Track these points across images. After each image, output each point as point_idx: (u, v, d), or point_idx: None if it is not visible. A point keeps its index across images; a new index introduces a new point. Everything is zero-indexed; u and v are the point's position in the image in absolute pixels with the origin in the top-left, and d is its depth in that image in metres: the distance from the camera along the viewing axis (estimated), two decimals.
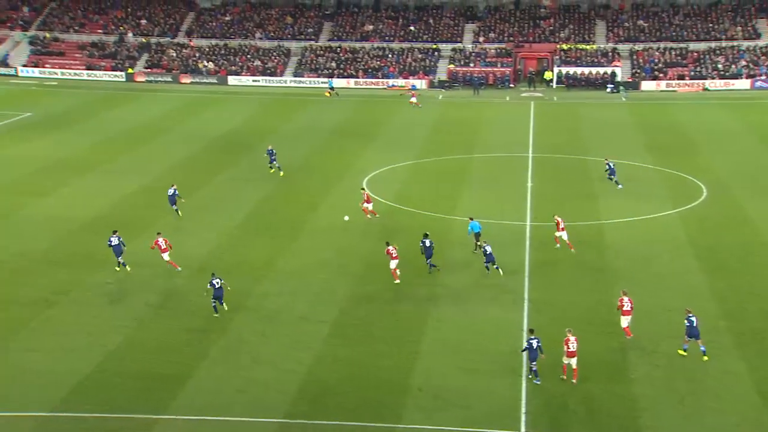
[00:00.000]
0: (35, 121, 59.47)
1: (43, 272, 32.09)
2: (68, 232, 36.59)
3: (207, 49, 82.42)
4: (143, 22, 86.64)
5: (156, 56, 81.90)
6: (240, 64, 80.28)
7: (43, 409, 23.03)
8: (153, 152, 51.22)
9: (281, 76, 78.80)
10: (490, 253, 31.96)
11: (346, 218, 37.28)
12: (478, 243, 33.82)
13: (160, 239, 32.27)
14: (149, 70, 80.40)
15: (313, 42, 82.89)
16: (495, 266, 32.00)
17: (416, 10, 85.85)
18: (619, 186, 42.84)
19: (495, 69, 77.26)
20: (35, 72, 79.50)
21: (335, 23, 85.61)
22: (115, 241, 32.43)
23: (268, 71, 79.14)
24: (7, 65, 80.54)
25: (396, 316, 28.95)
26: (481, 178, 45.63)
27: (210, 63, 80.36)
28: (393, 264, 31.84)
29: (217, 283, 28.76)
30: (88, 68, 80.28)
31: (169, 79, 78.89)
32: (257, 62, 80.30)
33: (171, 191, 39.03)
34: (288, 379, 24.88)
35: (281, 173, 45.34)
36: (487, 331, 27.38)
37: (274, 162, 45.92)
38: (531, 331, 25.42)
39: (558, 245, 34.52)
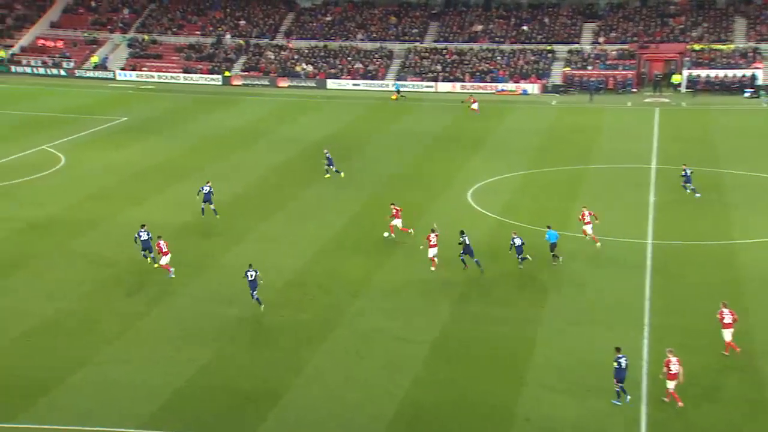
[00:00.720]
0: (131, 125, 62.02)
1: (135, 282, 33.34)
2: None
3: (306, 51, 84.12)
4: (242, 23, 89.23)
5: (253, 59, 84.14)
6: (340, 66, 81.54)
7: (133, 425, 23.84)
8: (248, 158, 52.57)
9: (383, 79, 79.57)
10: (520, 246, 33.56)
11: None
12: (554, 254, 34.30)
13: (162, 242, 33.74)
14: (246, 73, 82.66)
15: (417, 43, 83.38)
16: (522, 259, 33.68)
17: (530, 8, 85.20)
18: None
19: (616, 72, 75.76)
20: (132, 75, 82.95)
21: (442, 23, 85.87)
22: (144, 236, 34.43)
23: (369, 74, 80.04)
24: (105, 69, 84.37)
25: (501, 338, 28.69)
26: (597, 191, 44.78)
27: (309, 66, 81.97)
28: (431, 252, 33.73)
29: (251, 275, 30.43)
30: (185, 71, 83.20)
31: (266, 82, 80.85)
32: (358, 65, 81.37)
33: (206, 188, 40.32)
34: (384, 402, 24.97)
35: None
36: (601, 356, 26.75)
37: (332, 167, 47.09)
38: (618, 350, 24.94)
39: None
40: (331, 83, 79.56)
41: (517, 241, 33.78)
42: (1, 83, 77.81)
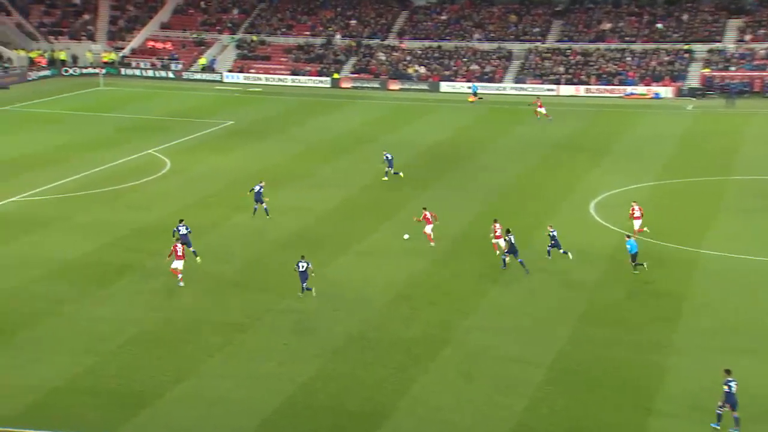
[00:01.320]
0: (237, 129, 63.56)
1: (236, 294, 33.97)
2: (262, 251, 38.44)
3: (419, 52, 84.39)
4: (352, 22, 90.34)
5: (363, 60, 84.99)
6: (454, 68, 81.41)
7: None
8: (356, 164, 53.03)
9: (500, 82, 79.00)
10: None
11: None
12: (635, 264, 34.38)
13: (179, 245, 34.53)
14: (356, 75, 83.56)
15: (539, 43, 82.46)
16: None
17: (665, 4, 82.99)
18: None
19: (764, 73, 72.80)
20: (240, 77, 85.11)
21: (566, 21, 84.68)
22: (183, 230, 36.39)
23: (486, 76, 79.61)
24: (213, 71, 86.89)
25: (625, 363, 27.87)
26: (738, 205, 43.12)
27: (421, 67, 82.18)
28: (428, 228, 37.67)
29: (303, 266, 32.41)
30: (293, 73, 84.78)
31: (377, 85, 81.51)
32: (474, 66, 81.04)
33: (257, 188, 41.63)
34: (494, 428, 24.61)
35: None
36: (741, 385, 25.59)
37: (390, 169, 48.56)
38: (728, 372, 24.00)
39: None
40: (444, 86, 79.53)
41: (554, 233, 35.76)
42: (111, 86, 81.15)
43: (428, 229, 38.20)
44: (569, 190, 46.44)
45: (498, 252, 36.52)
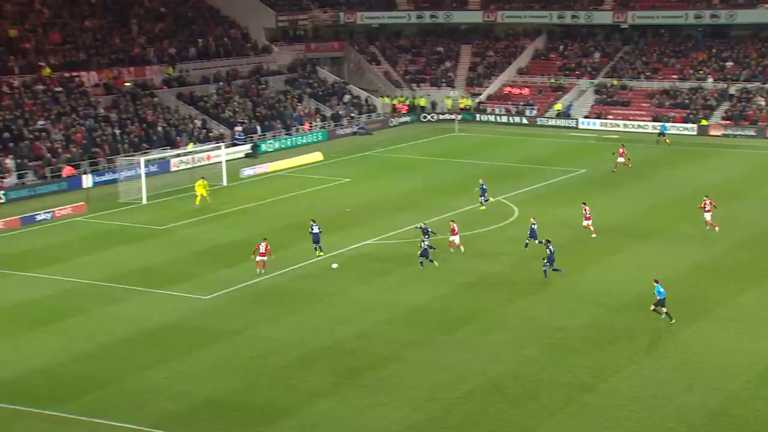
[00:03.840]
0: (590, 178, 63.06)
1: (582, 351, 33.46)
2: (609, 309, 37.58)
3: None
4: (728, 64, 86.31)
5: (738, 105, 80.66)
6: None
7: None
8: (723, 220, 50.23)
9: None
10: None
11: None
12: (662, 309, 34.75)
13: (262, 245, 39.88)
14: (728, 122, 79.52)
15: None
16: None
17: None
18: None
19: None
20: (596, 123, 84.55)
21: None
22: (316, 229, 43.25)
23: None
24: (568, 117, 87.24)
25: None
26: None
27: None
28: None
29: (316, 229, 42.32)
30: (654, 119, 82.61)
31: (753, 132, 76.90)
32: None
33: (316, 229, 43.89)
34: None
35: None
36: None
37: (483, 198, 52.37)
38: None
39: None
40: None
41: (534, 226, 42.42)
42: (465, 131, 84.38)
43: (455, 238, 42.69)
44: None
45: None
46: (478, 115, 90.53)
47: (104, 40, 78.76)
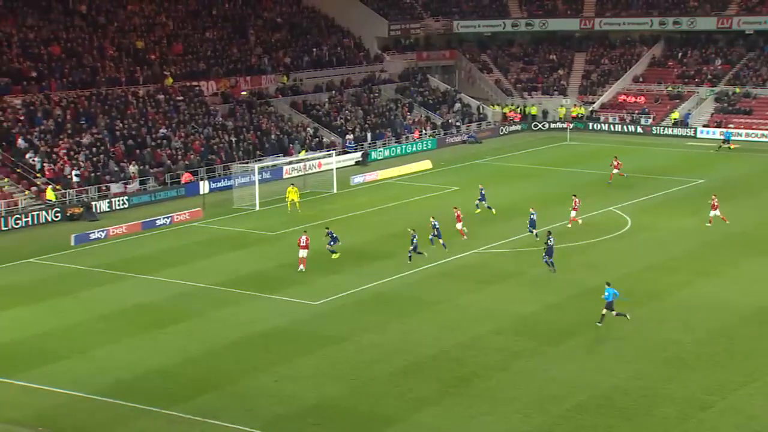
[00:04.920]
0: (707, 188, 61.34)
1: (697, 367, 32.57)
2: (729, 323, 36.61)
3: None
4: None
5: None
6: None
7: None
8: None
9: None
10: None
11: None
12: (612, 312, 35.61)
13: (303, 237, 42.84)
14: None
15: None
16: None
17: None
18: None
19: None
20: (715, 133, 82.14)
21: None
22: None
23: None
24: (686, 126, 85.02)
25: None
26: None
27: None
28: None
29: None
30: None
31: None
32: None
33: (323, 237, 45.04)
34: None
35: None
36: None
37: (483, 201, 53.43)
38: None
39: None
40: None
41: (534, 216, 46.82)
42: (577, 140, 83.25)
43: (458, 225, 46.07)
44: None
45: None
46: (590, 124, 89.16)
47: (223, 51, 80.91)
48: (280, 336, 36.16)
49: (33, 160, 59.50)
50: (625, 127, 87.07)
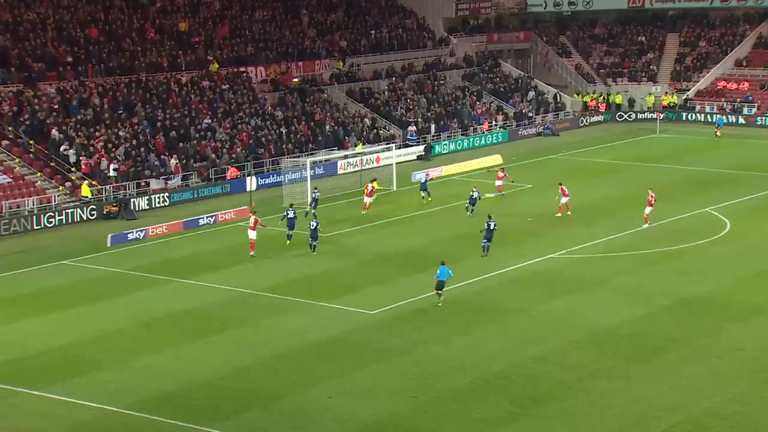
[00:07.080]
0: None
1: None
2: None
3: None
4: None
5: None
6: None
7: None
8: None
9: None
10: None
11: None
12: (440, 293, 39.53)
13: (252, 217, 47.04)
14: None
15: None
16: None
17: None
18: None
19: None
20: None
21: None
22: (291, 214, 48.87)
23: None
24: None
25: None
26: None
27: None
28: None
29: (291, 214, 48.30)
30: None
31: None
32: None
33: (291, 213, 49.21)
34: None
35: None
36: None
37: (426, 191, 57.77)
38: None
39: None
40: None
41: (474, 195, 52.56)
42: (668, 132, 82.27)
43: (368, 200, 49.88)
44: None
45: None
46: (684, 114, 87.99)
47: (273, 33, 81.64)
48: (333, 347, 36.34)
49: (67, 153, 60.60)
50: (724, 117, 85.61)
